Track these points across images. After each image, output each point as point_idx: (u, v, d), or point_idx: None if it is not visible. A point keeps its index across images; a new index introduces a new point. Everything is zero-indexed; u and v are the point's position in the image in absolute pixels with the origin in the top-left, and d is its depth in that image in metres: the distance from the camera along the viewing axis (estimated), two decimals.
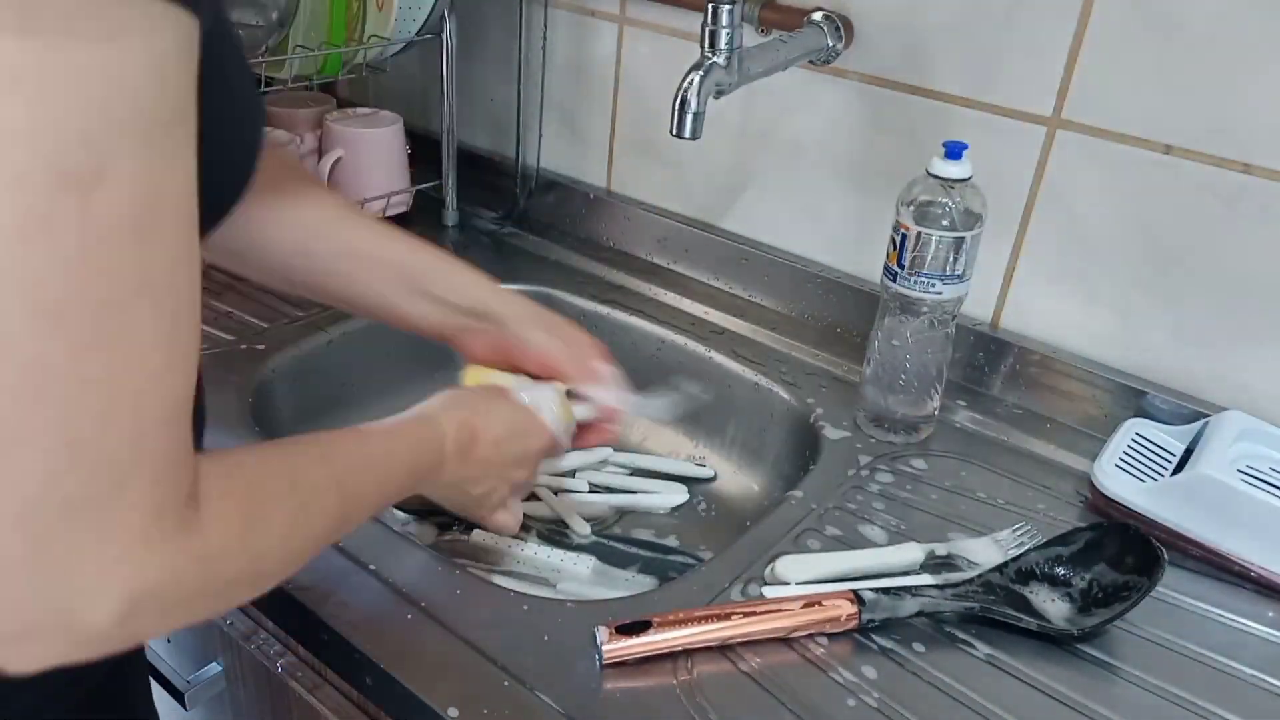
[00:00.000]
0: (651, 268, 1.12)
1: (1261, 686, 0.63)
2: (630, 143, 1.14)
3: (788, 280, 1.03)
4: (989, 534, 0.73)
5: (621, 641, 0.60)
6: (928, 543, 0.72)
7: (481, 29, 1.21)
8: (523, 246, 1.17)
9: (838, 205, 1.00)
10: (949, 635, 0.65)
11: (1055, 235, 0.88)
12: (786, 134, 1.01)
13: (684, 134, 0.77)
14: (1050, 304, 0.90)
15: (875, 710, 0.59)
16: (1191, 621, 0.68)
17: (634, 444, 1.00)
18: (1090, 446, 0.83)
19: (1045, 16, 0.83)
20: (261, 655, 0.72)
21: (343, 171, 1.14)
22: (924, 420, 0.85)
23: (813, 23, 0.91)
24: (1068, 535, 0.70)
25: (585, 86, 1.15)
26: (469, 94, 1.24)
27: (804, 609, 0.63)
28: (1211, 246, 0.81)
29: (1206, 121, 0.78)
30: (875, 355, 0.84)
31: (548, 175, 1.21)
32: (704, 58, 0.77)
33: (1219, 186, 0.79)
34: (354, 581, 0.66)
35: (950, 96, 0.90)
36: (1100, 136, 0.83)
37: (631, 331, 1.02)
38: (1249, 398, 0.82)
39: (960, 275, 0.78)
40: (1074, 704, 0.61)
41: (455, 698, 0.58)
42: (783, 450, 0.92)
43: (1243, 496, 0.70)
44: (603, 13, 1.10)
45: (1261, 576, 0.71)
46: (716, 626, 0.62)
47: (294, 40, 1.08)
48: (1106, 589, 0.67)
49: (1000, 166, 0.88)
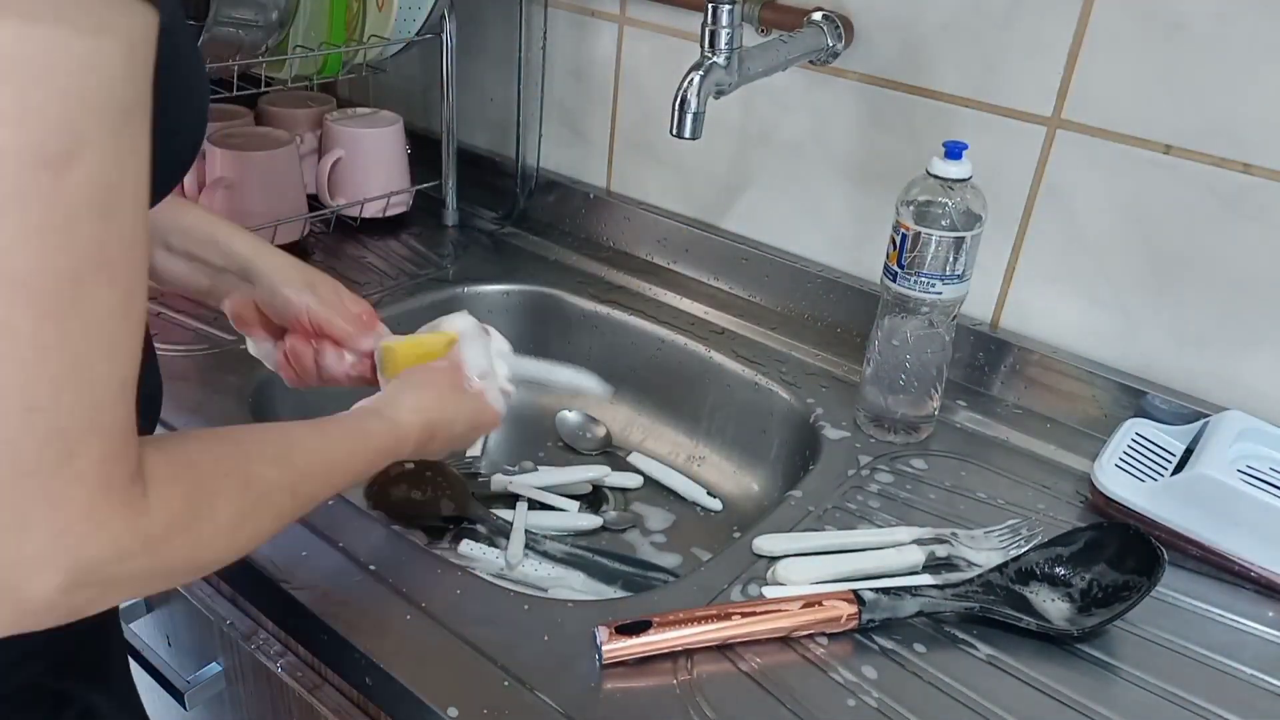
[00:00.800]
0: (651, 268, 1.12)
1: (1261, 686, 0.63)
2: (630, 143, 1.14)
3: (788, 280, 1.03)
4: (991, 533, 0.73)
5: (621, 641, 0.60)
6: (928, 544, 0.72)
7: (481, 29, 1.21)
8: (523, 246, 1.17)
9: (837, 205, 1.00)
10: (949, 635, 0.65)
11: (1055, 235, 0.88)
12: (786, 134, 1.01)
13: (684, 134, 0.77)
14: (1050, 304, 0.90)
15: (875, 710, 0.59)
16: (1191, 621, 0.68)
17: (635, 445, 1.01)
18: (1090, 446, 0.83)
19: (1045, 16, 0.83)
20: (262, 655, 0.72)
21: (343, 172, 1.14)
22: (924, 420, 0.85)
23: (813, 23, 0.91)
24: (1068, 535, 0.70)
25: (585, 86, 1.15)
26: (469, 94, 1.24)
27: (804, 609, 0.63)
28: (1211, 246, 0.81)
29: (1206, 121, 0.78)
30: (875, 355, 0.84)
31: (548, 175, 1.21)
32: (704, 58, 0.77)
33: (1219, 186, 0.79)
34: (354, 581, 0.66)
35: (950, 96, 0.90)
36: (1100, 136, 0.83)
37: (631, 331, 1.02)
38: (1249, 398, 0.82)
39: (960, 275, 0.78)
40: (1074, 704, 0.61)
41: (455, 698, 0.58)
42: (783, 450, 0.92)
43: (1243, 496, 0.70)
44: (603, 13, 1.10)
45: (1261, 576, 0.71)
46: (716, 626, 0.62)
47: (294, 40, 1.08)
48: (1106, 589, 0.67)
49: (1000, 166, 0.88)
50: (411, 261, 1.11)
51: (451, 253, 1.15)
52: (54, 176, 0.34)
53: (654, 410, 1.02)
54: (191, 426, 0.80)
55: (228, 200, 1.04)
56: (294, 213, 1.10)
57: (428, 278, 1.07)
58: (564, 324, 1.06)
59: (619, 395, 1.04)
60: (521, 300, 1.08)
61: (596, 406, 1.03)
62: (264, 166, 1.06)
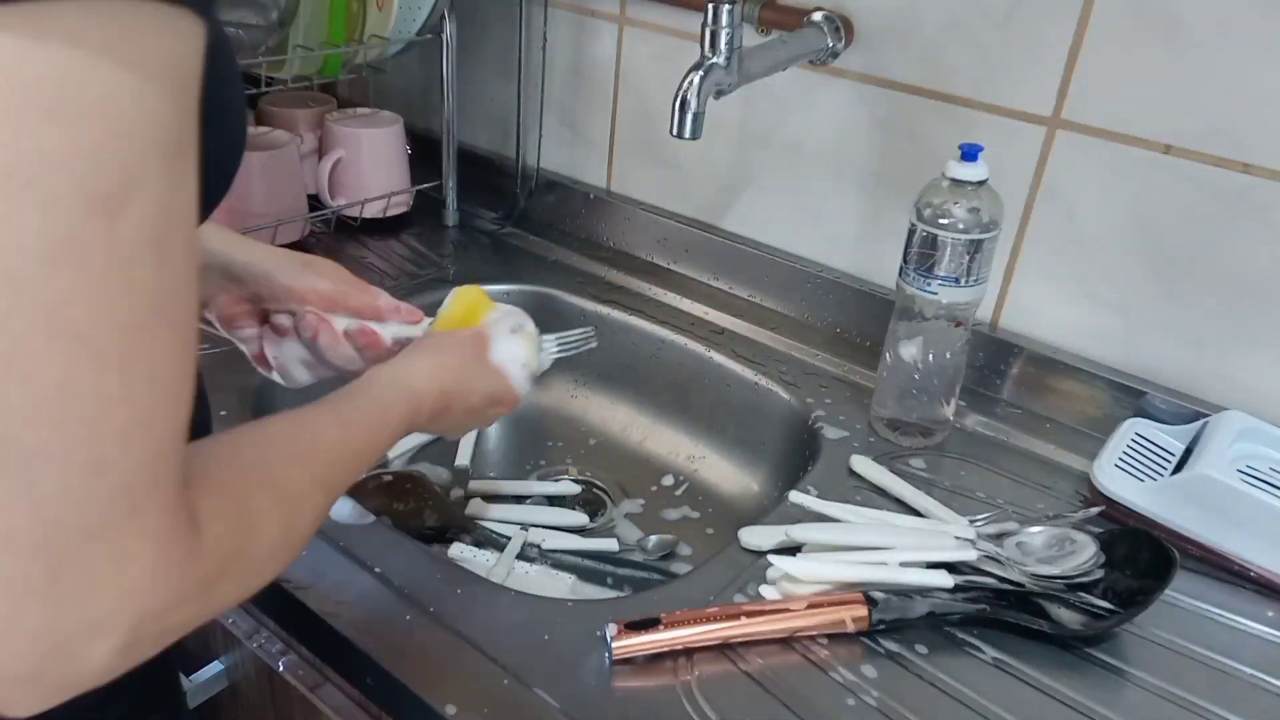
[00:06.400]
0: (651, 268, 1.12)
1: (1261, 686, 0.63)
2: (630, 143, 1.14)
3: (787, 280, 1.04)
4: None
5: (631, 638, 0.60)
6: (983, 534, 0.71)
7: (481, 29, 1.21)
8: (523, 246, 1.17)
9: (838, 205, 1.00)
10: (953, 638, 0.65)
11: (1055, 235, 0.88)
12: (786, 134, 1.01)
13: (684, 134, 0.77)
14: (1050, 304, 0.90)
15: (875, 710, 0.59)
16: (1191, 622, 0.68)
17: (635, 445, 1.01)
18: (1090, 446, 0.83)
19: (1045, 16, 0.83)
20: (263, 654, 0.72)
21: (343, 172, 1.14)
22: (939, 425, 0.85)
23: (813, 23, 0.92)
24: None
25: (585, 86, 1.15)
26: (469, 94, 1.24)
27: (814, 609, 0.63)
28: (1211, 246, 0.81)
29: (1206, 121, 0.79)
30: (890, 359, 0.84)
31: (548, 175, 1.21)
32: (704, 58, 0.77)
33: (1219, 186, 0.79)
34: (354, 581, 0.66)
35: (950, 96, 0.90)
36: (1100, 136, 0.83)
37: (631, 331, 1.03)
38: (1249, 398, 0.82)
39: (977, 278, 0.78)
40: (1077, 705, 0.61)
41: (455, 696, 0.58)
42: (782, 450, 0.92)
43: (1243, 496, 0.70)
44: (603, 13, 1.10)
45: (1261, 576, 0.71)
46: (726, 625, 0.62)
47: (294, 40, 1.08)
48: (1120, 593, 0.67)
49: (1000, 166, 0.88)
50: (412, 261, 1.11)
51: (452, 253, 1.15)
52: (108, 220, 0.31)
53: (654, 410, 1.02)
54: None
55: (227, 200, 1.03)
56: (294, 213, 1.10)
57: (428, 278, 1.08)
58: (564, 324, 1.06)
59: (619, 395, 1.04)
60: (521, 300, 1.08)
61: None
62: (264, 167, 1.06)
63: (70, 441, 0.32)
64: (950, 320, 0.80)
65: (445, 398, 0.60)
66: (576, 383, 1.06)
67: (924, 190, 0.78)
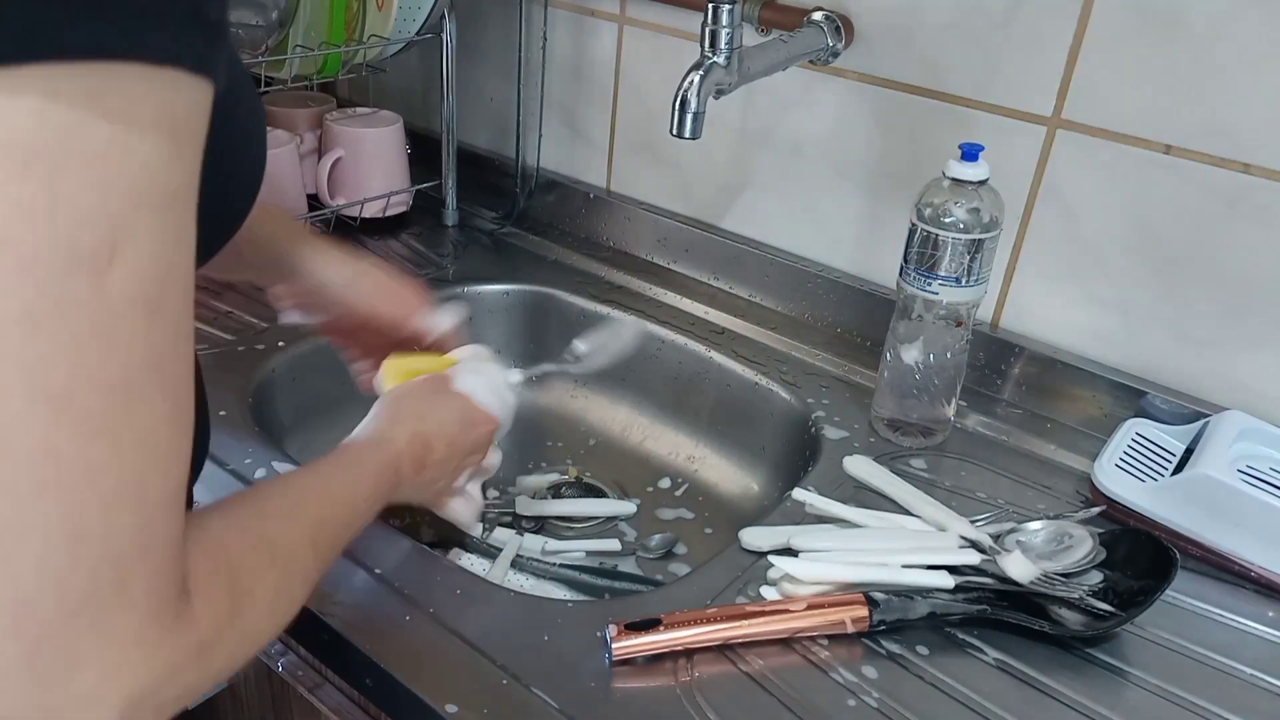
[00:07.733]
0: (651, 268, 1.12)
1: (1261, 686, 0.63)
2: (630, 143, 1.14)
3: (787, 280, 1.03)
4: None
5: (631, 639, 0.60)
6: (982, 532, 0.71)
7: (481, 29, 1.21)
8: (523, 246, 1.17)
9: (838, 205, 1.00)
10: (954, 638, 0.65)
11: (1055, 235, 0.88)
12: (786, 134, 1.01)
13: (684, 134, 0.77)
14: (1050, 304, 0.90)
15: (875, 711, 0.59)
16: (1191, 621, 0.68)
17: (634, 446, 1.01)
18: (1090, 446, 0.83)
19: (1045, 16, 0.83)
20: (262, 654, 0.72)
21: (343, 171, 1.14)
22: (940, 425, 0.85)
23: (813, 23, 0.91)
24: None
25: (585, 86, 1.15)
26: (469, 94, 1.24)
27: (814, 610, 0.63)
28: (1211, 246, 0.81)
29: (1206, 121, 0.78)
30: (891, 359, 0.84)
31: (548, 175, 1.21)
32: (704, 58, 0.77)
33: (1219, 186, 0.79)
34: (354, 581, 0.66)
35: (950, 96, 0.90)
36: (1100, 136, 0.83)
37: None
38: (1249, 398, 0.82)
39: (977, 278, 0.78)
40: (1078, 706, 0.61)
41: (454, 696, 0.57)
42: (782, 450, 0.92)
43: (1243, 496, 0.70)
44: (603, 13, 1.10)
45: (1261, 576, 0.71)
46: (726, 626, 0.62)
47: (294, 40, 1.08)
48: (1121, 593, 0.67)
49: (1000, 166, 0.88)
50: (412, 261, 1.11)
51: (451, 252, 1.15)
52: (93, 277, 0.30)
53: (654, 410, 1.02)
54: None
55: None
56: (294, 213, 1.10)
57: (428, 277, 1.07)
58: (564, 324, 1.06)
59: (619, 395, 1.04)
60: (521, 300, 1.08)
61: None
62: None
63: (49, 512, 0.31)
64: (951, 320, 0.80)
65: (422, 439, 0.62)
66: (576, 383, 1.06)
67: (924, 190, 0.78)
